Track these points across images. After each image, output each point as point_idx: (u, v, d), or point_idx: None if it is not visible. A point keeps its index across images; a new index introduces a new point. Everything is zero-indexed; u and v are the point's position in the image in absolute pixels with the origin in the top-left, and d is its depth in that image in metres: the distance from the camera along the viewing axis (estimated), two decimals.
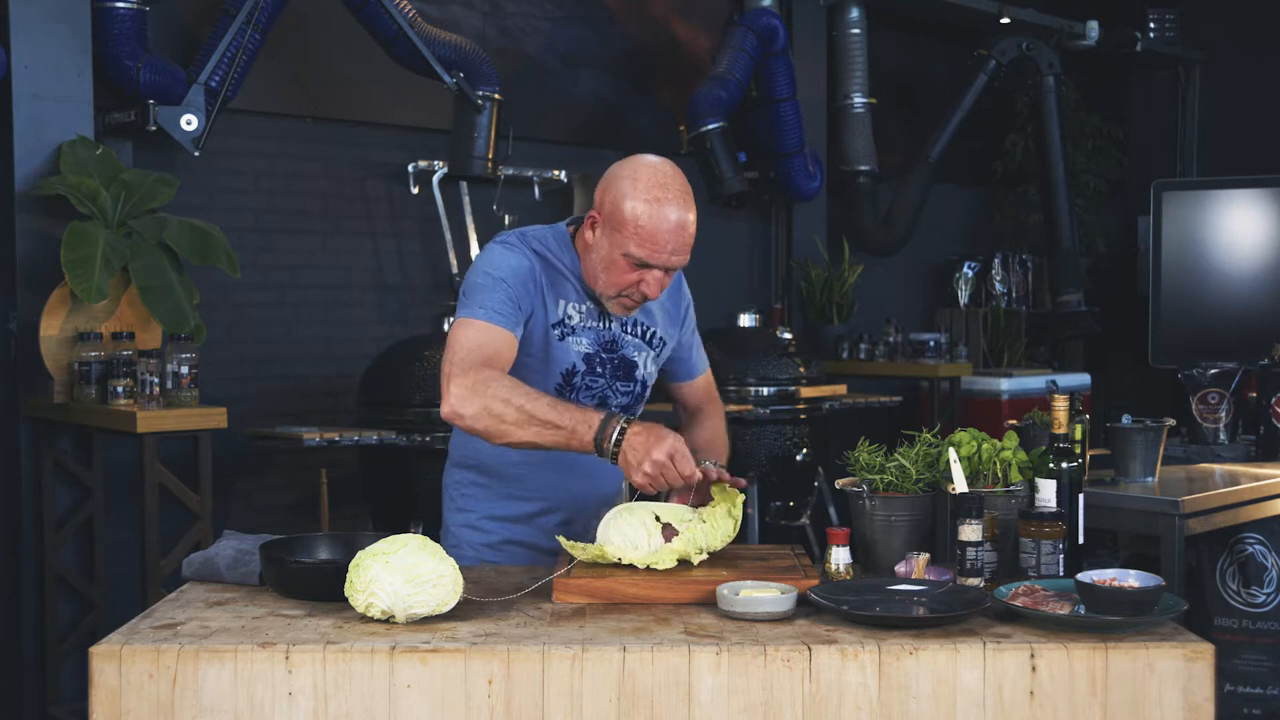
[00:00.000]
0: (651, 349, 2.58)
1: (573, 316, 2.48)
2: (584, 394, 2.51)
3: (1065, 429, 2.35)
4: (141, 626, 1.98)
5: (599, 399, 2.52)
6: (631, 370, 2.55)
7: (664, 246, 2.35)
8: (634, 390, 2.57)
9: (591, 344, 2.50)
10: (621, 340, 2.54)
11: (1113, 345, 8.27)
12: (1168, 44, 8.35)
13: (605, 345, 2.52)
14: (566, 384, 2.49)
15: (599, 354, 2.51)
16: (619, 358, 2.53)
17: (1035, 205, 7.77)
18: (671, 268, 2.40)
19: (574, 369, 2.48)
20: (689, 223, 2.37)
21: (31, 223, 4.08)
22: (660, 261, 2.37)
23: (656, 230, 2.34)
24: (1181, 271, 5.99)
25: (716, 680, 1.87)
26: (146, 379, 3.82)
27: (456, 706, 1.86)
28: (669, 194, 2.35)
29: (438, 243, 5.35)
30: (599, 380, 2.51)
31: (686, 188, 2.40)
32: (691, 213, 2.38)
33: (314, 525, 4.59)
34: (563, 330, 2.47)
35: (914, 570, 2.20)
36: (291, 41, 4.95)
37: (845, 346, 6.71)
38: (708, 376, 2.80)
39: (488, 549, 2.56)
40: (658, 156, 2.45)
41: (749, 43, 6.04)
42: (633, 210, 2.34)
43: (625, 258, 2.37)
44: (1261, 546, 3.98)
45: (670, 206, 2.35)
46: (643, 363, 2.57)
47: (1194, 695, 1.89)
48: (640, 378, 2.57)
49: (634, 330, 2.55)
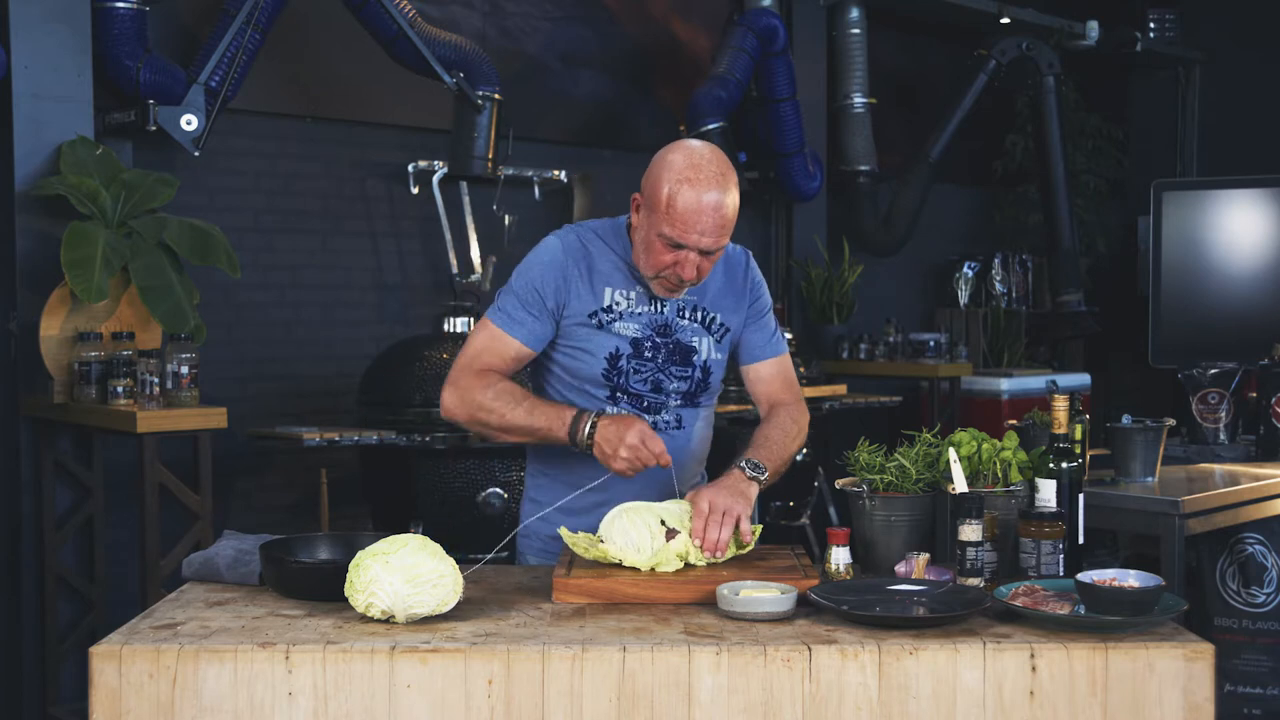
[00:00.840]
0: (711, 334, 2.57)
1: (620, 303, 2.50)
2: (634, 378, 2.51)
3: (1065, 429, 2.35)
4: (141, 626, 1.98)
5: (651, 384, 2.52)
6: (689, 355, 2.54)
7: (693, 227, 2.35)
8: (692, 375, 2.54)
9: (641, 328, 2.51)
10: (676, 325, 2.53)
11: (1113, 345, 8.27)
12: (1168, 44, 8.35)
13: (658, 329, 2.52)
14: (612, 368, 2.50)
15: (651, 338, 2.51)
16: (673, 342, 2.53)
17: (1035, 205, 7.77)
18: (705, 249, 2.39)
19: (618, 353, 2.50)
20: (722, 204, 2.36)
21: (31, 223, 4.08)
22: (691, 242, 2.37)
23: (686, 210, 2.35)
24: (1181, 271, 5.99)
25: (716, 680, 1.87)
26: (146, 379, 3.82)
27: (456, 706, 1.86)
28: (701, 175, 2.36)
29: (438, 243, 5.34)
30: (648, 364, 2.51)
31: (725, 170, 2.39)
32: (727, 194, 2.37)
33: (314, 525, 4.59)
34: (606, 317, 2.49)
35: (914, 570, 2.21)
36: (291, 41, 4.95)
37: (845, 346, 6.71)
38: (779, 367, 2.66)
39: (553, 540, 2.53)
40: (701, 141, 2.46)
41: (749, 43, 6.04)
42: (667, 191, 2.36)
43: (660, 238, 2.39)
44: (1261, 546, 3.98)
45: (702, 187, 2.35)
46: (704, 349, 2.55)
47: (1194, 695, 1.89)
48: (699, 363, 2.55)
49: (692, 315, 2.55)
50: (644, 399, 2.52)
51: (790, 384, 2.68)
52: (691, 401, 2.57)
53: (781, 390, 2.66)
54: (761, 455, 2.47)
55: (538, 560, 2.60)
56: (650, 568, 2.21)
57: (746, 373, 2.66)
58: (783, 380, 2.67)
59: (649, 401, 2.53)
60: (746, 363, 2.65)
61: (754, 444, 2.51)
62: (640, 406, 2.52)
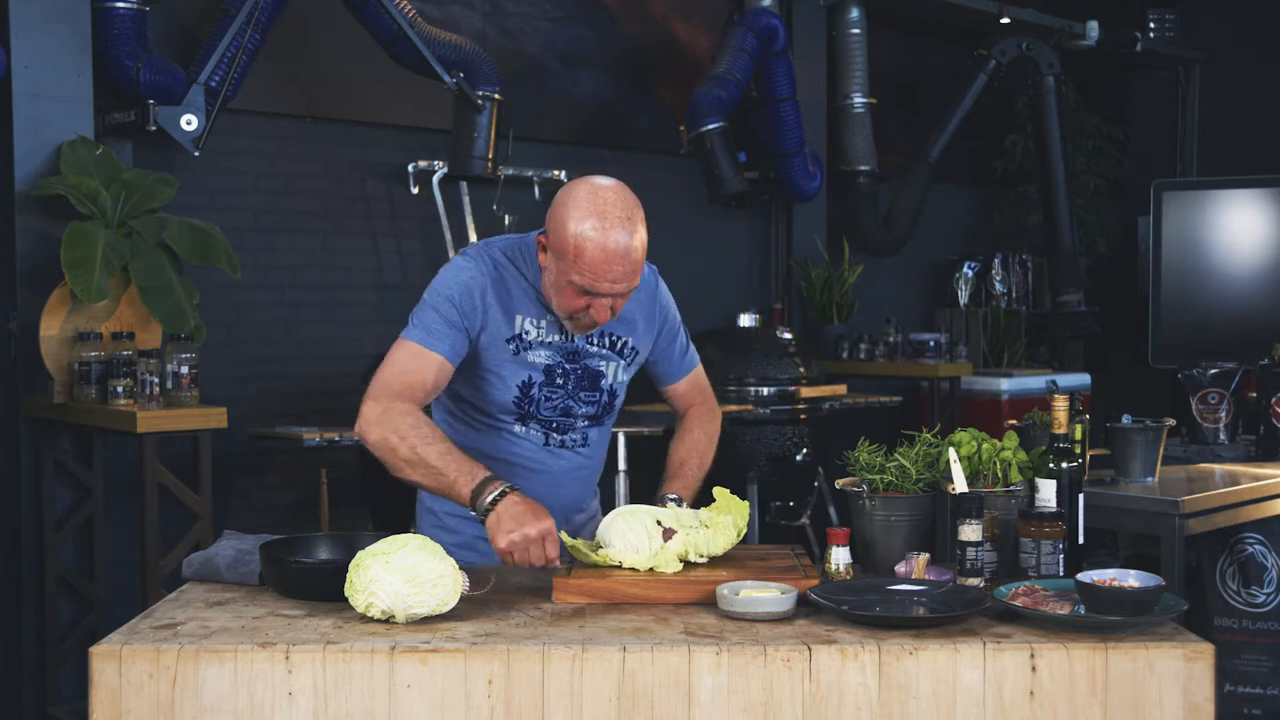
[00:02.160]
0: (622, 358, 2.56)
1: (530, 331, 2.46)
2: (544, 406, 2.49)
3: (1065, 429, 2.35)
4: (141, 626, 1.98)
5: (560, 410, 2.51)
6: (597, 380, 2.53)
7: (603, 276, 2.30)
8: (599, 399, 2.54)
9: (551, 356, 2.48)
10: (585, 351, 2.51)
11: (1113, 345, 8.27)
12: (1168, 44, 8.35)
13: (568, 356, 2.49)
14: (524, 395, 2.47)
15: (560, 365, 2.49)
16: (582, 368, 2.51)
17: (1035, 205, 7.77)
18: (617, 295, 2.34)
19: (530, 381, 2.47)
20: (630, 249, 2.30)
21: (31, 223, 4.08)
22: (603, 290, 2.32)
23: (595, 261, 2.28)
24: (1181, 271, 5.99)
25: (716, 680, 1.87)
26: (146, 379, 3.82)
27: (456, 706, 1.86)
28: (607, 221, 2.28)
29: (438, 243, 5.35)
30: (558, 391, 2.49)
31: (630, 212, 2.31)
32: (634, 236, 2.30)
33: (314, 525, 4.60)
34: (519, 345, 2.46)
35: (914, 570, 2.21)
36: (291, 41, 4.95)
37: (845, 346, 6.71)
38: (692, 380, 2.73)
39: (458, 549, 2.45)
40: (604, 179, 2.37)
41: (749, 43, 6.04)
42: (573, 239, 2.29)
43: (570, 285, 2.33)
44: (1261, 546, 3.98)
45: (610, 234, 2.28)
46: (611, 372, 2.54)
47: (1194, 695, 1.89)
48: (607, 387, 2.54)
49: (600, 341, 2.52)
50: (552, 422, 2.52)
51: (702, 390, 2.77)
52: (598, 422, 2.58)
53: (697, 398, 2.76)
54: (676, 487, 2.59)
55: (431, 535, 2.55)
56: (649, 568, 2.21)
57: (666, 390, 2.74)
58: (697, 389, 2.76)
59: (557, 424, 2.53)
60: (667, 382, 2.72)
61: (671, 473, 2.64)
62: (549, 428, 2.52)
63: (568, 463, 2.56)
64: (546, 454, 2.53)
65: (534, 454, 2.52)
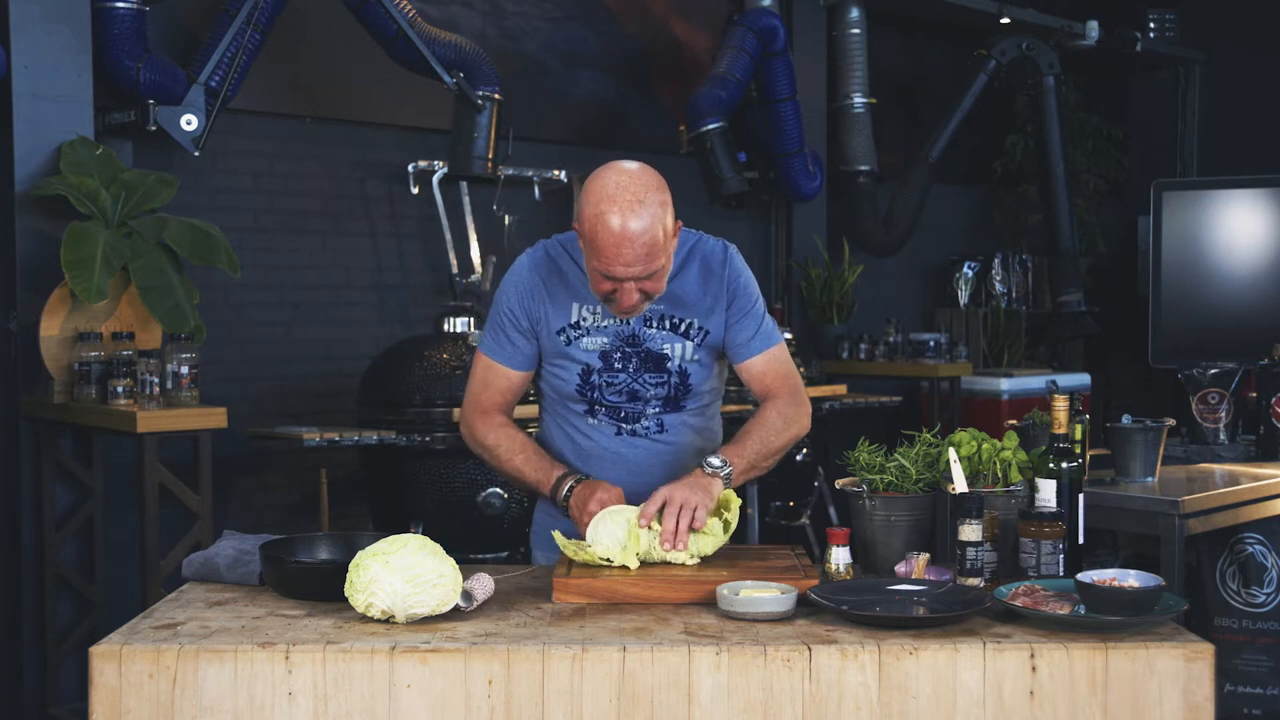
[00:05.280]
0: (689, 339, 2.53)
1: (586, 318, 2.51)
2: (608, 391, 2.51)
3: (1065, 429, 2.35)
4: (141, 626, 1.98)
5: (626, 394, 2.52)
6: (662, 362, 2.52)
7: (616, 259, 2.30)
8: (668, 380, 2.52)
9: (609, 341, 2.50)
10: (644, 334, 2.51)
11: (1113, 345, 8.27)
12: (1167, 44, 8.35)
13: (626, 340, 2.51)
14: (585, 382, 2.51)
15: (620, 348, 2.50)
16: (644, 351, 2.51)
17: (1035, 205, 7.77)
18: (635, 278, 2.33)
19: (589, 368, 2.51)
20: (643, 231, 2.28)
21: (31, 223, 4.08)
22: (618, 274, 2.32)
23: (607, 244, 2.30)
24: (1181, 271, 5.99)
25: (716, 680, 1.87)
26: (146, 379, 3.82)
27: (456, 706, 1.86)
28: (617, 204, 2.29)
29: (438, 243, 5.35)
30: (620, 376, 2.51)
31: (642, 194, 2.30)
32: (640, 221, 2.28)
33: (314, 525, 4.59)
34: (575, 333, 2.50)
35: (914, 570, 2.21)
36: (291, 41, 4.95)
37: (845, 346, 6.71)
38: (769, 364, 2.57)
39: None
40: (627, 163, 2.37)
41: (749, 43, 6.04)
42: (589, 225, 2.32)
43: (594, 269, 2.36)
44: (1261, 546, 3.98)
45: (620, 217, 2.28)
46: (678, 354, 2.53)
47: (1194, 695, 1.89)
48: (675, 369, 2.53)
49: (660, 324, 2.52)
50: (620, 409, 2.53)
51: (784, 375, 2.59)
52: (674, 406, 2.55)
53: (774, 382, 2.58)
54: (730, 452, 2.44)
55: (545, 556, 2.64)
56: (625, 561, 2.22)
57: (740, 371, 2.60)
58: (775, 373, 2.58)
59: (625, 411, 2.53)
60: (737, 361, 2.59)
61: (731, 441, 2.50)
62: (618, 417, 2.53)
63: (644, 451, 2.54)
64: (620, 443, 2.54)
65: (608, 444, 2.55)
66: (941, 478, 2.35)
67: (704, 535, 2.29)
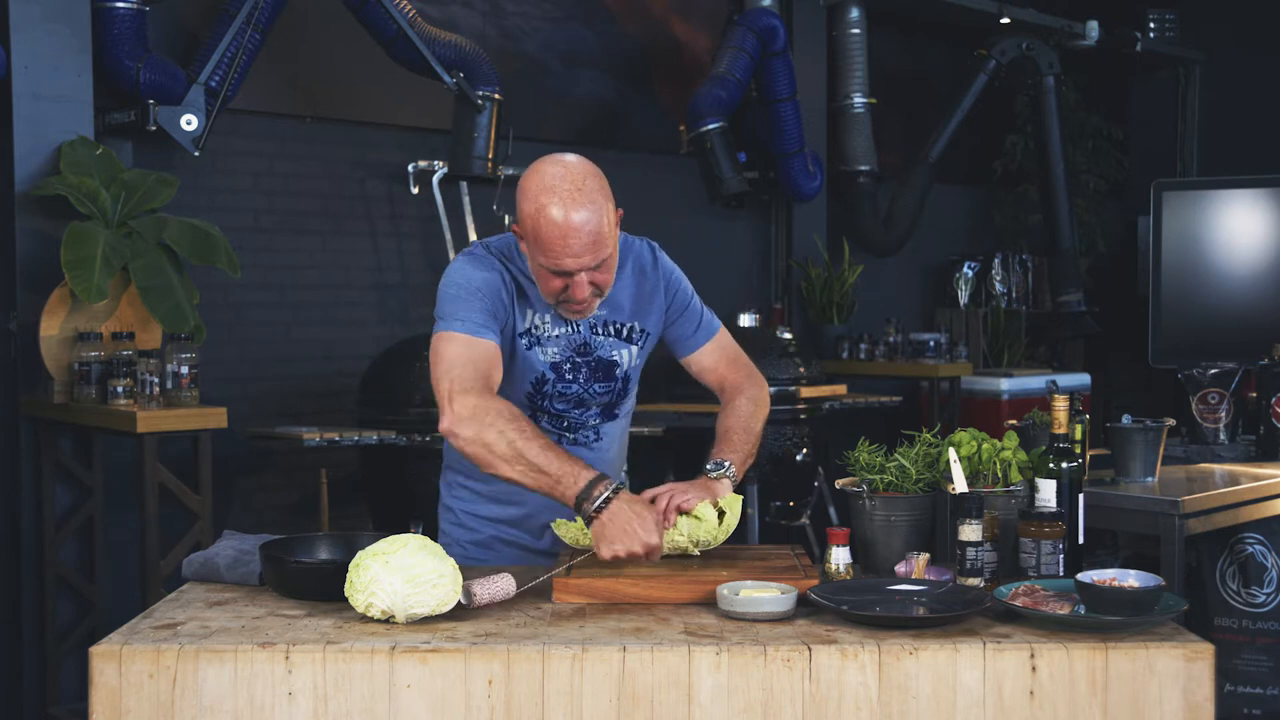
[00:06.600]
0: (633, 344, 2.52)
1: (538, 325, 2.44)
2: (557, 401, 2.47)
3: (1065, 429, 2.35)
4: (141, 626, 1.98)
5: (574, 402, 2.48)
6: (612, 369, 2.49)
7: (565, 251, 2.24)
8: (614, 388, 2.51)
9: (561, 350, 2.45)
10: (594, 342, 2.47)
11: (1113, 345, 8.27)
12: (1167, 44, 8.35)
13: (577, 349, 2.46)
14: (537, 392, 2.45)
15: (571, 358, 2.46)
16: (594, 359, 2.48)
17: (1035, 205, 7.77)
18: (586, 268, 2.28)
19: (543, 377, 2.45)
20: (581, 222, 2.23)
21: (31, 223, 4.08)
22: (565, 266, 2.26)
23: (553, 237, 2.24)
24: (1181, 271, 5.99)
25: (716, 680, 1.87)
26: (146, 379, 3.82)
27: (456, 706, 1.86)
28: (558, 195, 2.24)
29: (438, 243, 5.35)
30: (572, 386, 2.47)
31: (580, 182, 2.25)
32: (583, 210, 2.23)
33: (314, 525, 4.59)
34: (530, 339, 2.43)
35: (914, 570, 2.21)
36: (291, 41, 4.95)
37: (845, 346, 6.71)
38: (718, 349, 2.58)
39: (475, 546, 2.55)
40: (560, 155, 2.32)
41: (749, 43, 6.04)
42: (531, 220, 2.26)
43: (541, 267, 2.30)
44: (1261, 546, 3.98)
45: (562, 208, 2.23)
46: (625, 360, 2.51)
47: (1194, 695, 1.89)
48: (621, 375, 2.51)
49: (605, 330, 2.48)
50: (564, 418, 2.49)
51: (735, 359, 2.60)
52: (609, 415, 2.54)
53: (729, 369, 2.59)
54: (724, 452, 2.44)
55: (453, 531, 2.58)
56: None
57: (688, 365, 2.59)
58: (727, 360, 2.59)
59: (569, 420, 2.50)
60: (684, 355, 2.58)
61: (717, 442, 2.48)
62: (561, 426, 2.49)
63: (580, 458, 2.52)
64: None
65: None
66: (941, 478, 2.35)
67: (697, 520, 2.29)
